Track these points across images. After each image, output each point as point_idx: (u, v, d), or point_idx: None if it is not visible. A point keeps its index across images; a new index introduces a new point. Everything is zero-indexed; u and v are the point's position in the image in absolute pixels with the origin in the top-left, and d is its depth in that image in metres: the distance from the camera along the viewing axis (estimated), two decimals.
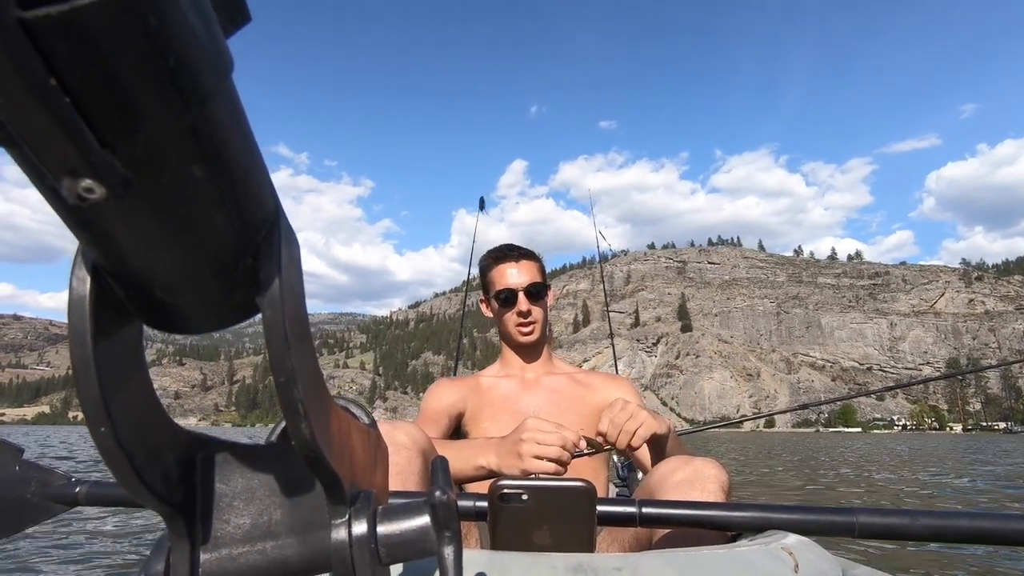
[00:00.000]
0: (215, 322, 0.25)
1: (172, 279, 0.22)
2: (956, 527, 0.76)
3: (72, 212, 0.19)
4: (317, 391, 0.26)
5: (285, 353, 0.23)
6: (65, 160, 0.17)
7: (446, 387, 1.51)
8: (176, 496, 0.28)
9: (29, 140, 0.16)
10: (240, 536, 0.29)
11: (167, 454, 0.28)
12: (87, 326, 0.22)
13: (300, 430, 0.25)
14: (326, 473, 0.27)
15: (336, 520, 0.29)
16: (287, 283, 0.24)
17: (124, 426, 0.24)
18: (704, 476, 0.91)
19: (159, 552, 0.29)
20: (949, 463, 12.70)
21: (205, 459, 0.30)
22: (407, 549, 0.30)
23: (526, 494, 0.68)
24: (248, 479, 0.30)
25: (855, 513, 0.77)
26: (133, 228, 0.20)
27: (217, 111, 0.19)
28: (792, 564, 0.61)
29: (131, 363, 0.25)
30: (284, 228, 0.24)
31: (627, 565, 0.54)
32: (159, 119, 0.17)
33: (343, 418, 0.31)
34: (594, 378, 1.56)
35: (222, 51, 0.18)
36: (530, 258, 1.56)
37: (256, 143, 0.22)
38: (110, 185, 0.17)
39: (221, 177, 0.20)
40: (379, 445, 0.37)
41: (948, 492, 6.90)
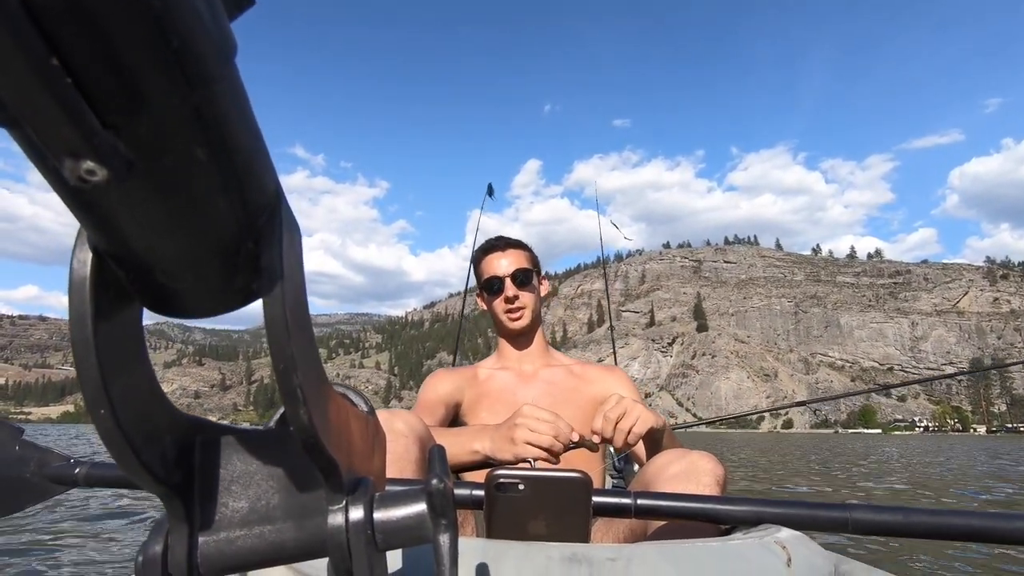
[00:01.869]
0: (216, 306, 0.25)
1: (173, 262, 0.22)
2: (949, 525, 0.76)
3: (74, 194, 0.19)
4: (316, 377, 0.26)
5: (285, 339, 0.23)
6: (67, 142, 0.17)
7: (444, 378, 1.51)
8: (174, 479, 0.28)
9: (31, 121, 0.16)
10: (238, 520, 0.29)
11: (166, 437, 0.28)
12: (87, 308, 0.22)
13: (299, 416, 0.25)
14: (324, 459, 0.27)
15: (333, 506, 0.29)
16: (288, 268, 0.24)
17: (124, 408, 0.24)
18: (700, 469, 0.92)
19: (157, 534, 0.29)
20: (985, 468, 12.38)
21: (204, 443, 0.30)
22: (403, 536, 0.30)
23: (522, 484, 0.68)
24: (246, 463, 0.30)
25: (848, 509, 0.78)
26: (135, 211, 0.20)
27: (220, 94, 0.19)
28: (785, 558, 0.61)
29: (131, 346, 0.25)
30: (285, 213, 0.24)
31: (621, 556, 0.54)
32: (162, 101, 0.17)
33: (342, 405, 0.31)
34: (591, 370, 1.56)
35: (226, 34, 0.18)
36: (518, 247, 1.57)
37: (259, 128, 0.22)
38: (112, 167, 0.17)
39: (224, 161, 0.20)
40: (377, 432, 0.37)
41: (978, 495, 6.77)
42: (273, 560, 0.29)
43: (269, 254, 0.23)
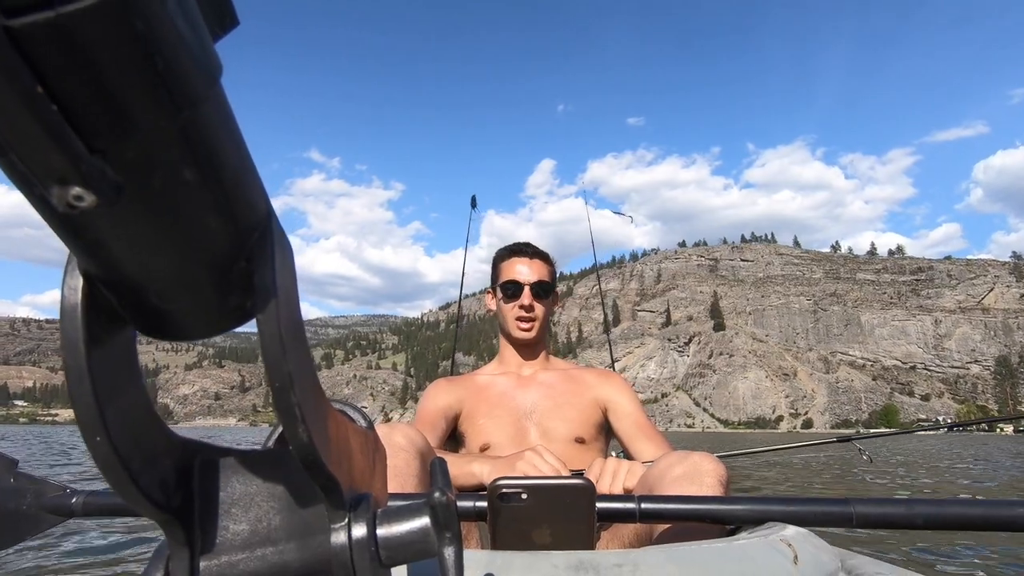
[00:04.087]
0: (210, 327, 0.24)
1: (166, 284, 0.22)
2: (951, 514, 0.77)
3: (62, 220, 0.19)
4: (314, 394, 0.26)
5: (281, 357, 0.23)
6: (54, 168, 0.16)
7: (443, 388, 1.51)
8: (174, 503, 0.28)
9: (17, 149, 0.16)
10: (239, 543, 0.29)
11: (164, 461, 0.28)
12: (80, 334, 0.22)
13: (297, 434, 0.25)
14: (324, 477, 0.27)
15: (336, 524, 0.29)
16: (281, 286, 0.24)
17: (120, 434, 0.24)
18: (702, 470, 0.92)
19: (158, 561, 0.28)
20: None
21: (202, 465, 0.30)
22: (408, 551, 0.30)
23: (525, 493, 0.68)
24: (246, 485, 0.30)
25: (851, 503, 0.78)
26: (125, 234, 0.20)
27: (207, 115, 0.19)
28: (791, 555, 0.61)
29: (125, 371, 0.25)
30: (276, 231, 0.24)
31: (628, 561, 0.54)
32: (149, 124, 0.17)
33: (340, 421, 0.31)
34: (588, 374, 1.57)
35: (211, 55, 0.18)
36: (543, 259, 1.58)
37: (246, 147, 0.22)
38: (100, 192, 0.17)
39: (213, 181, 0.20)
40: (377, 447, 0.37)
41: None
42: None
43: (262, 272, 0.23)
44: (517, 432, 1.41)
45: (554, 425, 1.42)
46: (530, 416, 1.44)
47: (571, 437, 1.41)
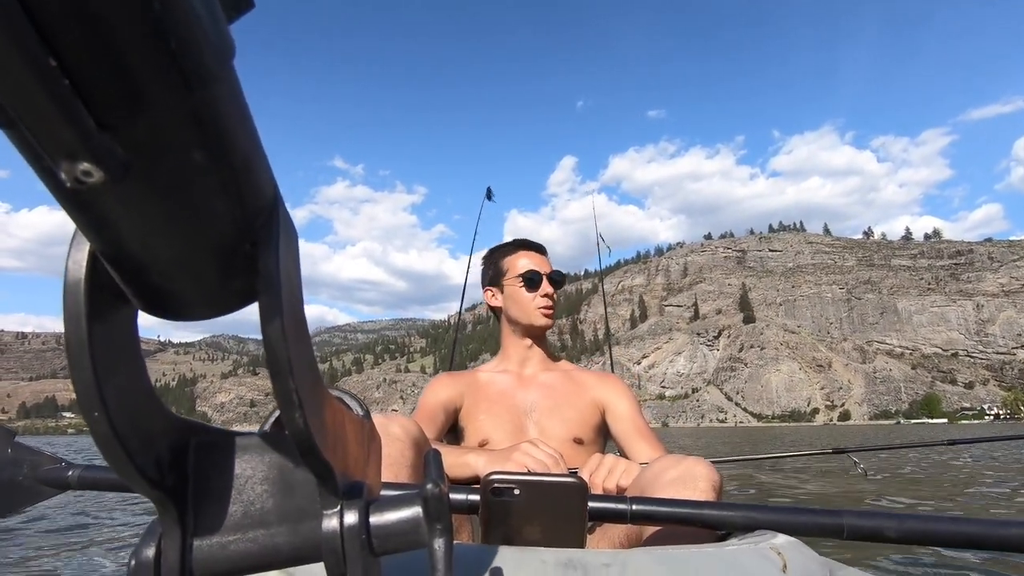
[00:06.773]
0: (211, 309, 0.25)
1: (170, 264, 0.22)
2: (942, 531, 0.76)
3: (69, 195, 0.19)
4: (312, 381, 0.27)
5: (281, 342, 0.24)
6: (64, 143, 0.17)
7: (444, 383, 1.53)
8: (168, 482, 0.28)
9: (27, 122, 0.16)
10: (231, 524, 0.29)
11: (160, 440, 0.28)
12: (82, 309, 0.22)
13: (294, 420, 0.25)
14: (319, 463, 0.27)
15: (328, 510, 0.29)
16: (285, 271, 0.24)
17: (118, 410, 0.24)
18: (696, 475, 0.92)
19: (150, 538, 0.29)
20: None
21: (199, 446, 0.30)
22: (398, 541, 0.30)
23: (518, 488, 0.68)
24: (241, 467, 0.30)
25: (843, 515, 0.78)
26: (131, 213, 0.20)
27: (218, 96, 0.19)
28: (780, 564, 0.61)
29: (126, 348, 0.25)
30: (282, 216, 0.25)
31: (616, 562, 0.54)
32: (160, 102, 0.17)
33: (337, 409, 0.31)
34: (588, 376, 1.59)
35: (224, 36, 0.18)
36: (545, 255, 1.64)
37: (256, 131, 0.22)
38: (108, 169, 0.17)
39: (221, 163, 0.20)
40: (373, 437, 0.37)
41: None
42: (267, 565, 0.29)
43: (266, 257, 0.23)
44: (515, 430, 1.43)
45: (552, 425, 1.44)
46: (529, 415, 1.46)
47: (569, 437, 1.42)
